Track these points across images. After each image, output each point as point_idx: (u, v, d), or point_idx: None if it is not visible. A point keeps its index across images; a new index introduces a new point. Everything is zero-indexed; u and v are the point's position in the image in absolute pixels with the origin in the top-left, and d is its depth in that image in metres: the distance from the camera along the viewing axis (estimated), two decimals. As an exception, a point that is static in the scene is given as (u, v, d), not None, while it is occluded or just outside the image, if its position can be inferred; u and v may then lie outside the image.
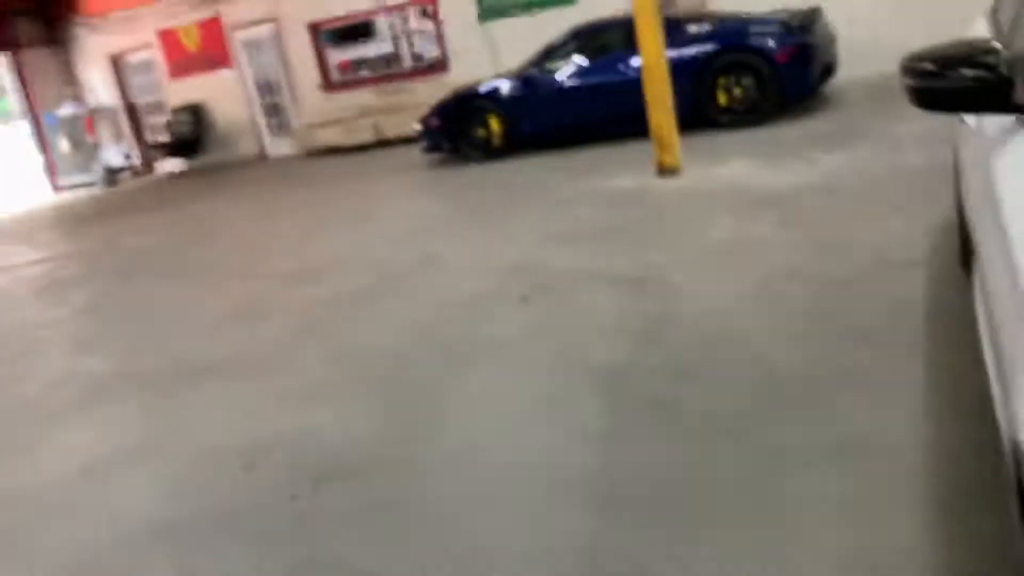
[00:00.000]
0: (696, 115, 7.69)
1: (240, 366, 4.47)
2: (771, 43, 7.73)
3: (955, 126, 3.18)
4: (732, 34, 8.01)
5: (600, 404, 3.18)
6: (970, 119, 2.19)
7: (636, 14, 6.36)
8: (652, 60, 6.43)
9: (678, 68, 6.82)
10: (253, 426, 3.65)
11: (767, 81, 7.76)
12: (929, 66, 1.74)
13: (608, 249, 5.17)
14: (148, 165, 16.18)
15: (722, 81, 7.93)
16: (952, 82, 1.70)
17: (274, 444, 3.40)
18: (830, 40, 8.25)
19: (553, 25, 9.98)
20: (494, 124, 9.22)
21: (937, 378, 2.80)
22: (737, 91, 7.92)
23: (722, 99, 7.96)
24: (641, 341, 3.70)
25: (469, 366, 3.80)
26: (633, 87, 7.76)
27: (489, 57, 11.55)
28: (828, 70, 8.22)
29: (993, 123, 1.81)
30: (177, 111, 14.84)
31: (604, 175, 7.18)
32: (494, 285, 4.92)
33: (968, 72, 1.67)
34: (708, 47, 7.93)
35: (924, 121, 6.74)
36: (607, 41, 8.84)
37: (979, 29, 3.10)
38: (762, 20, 8.09)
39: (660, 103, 6.49)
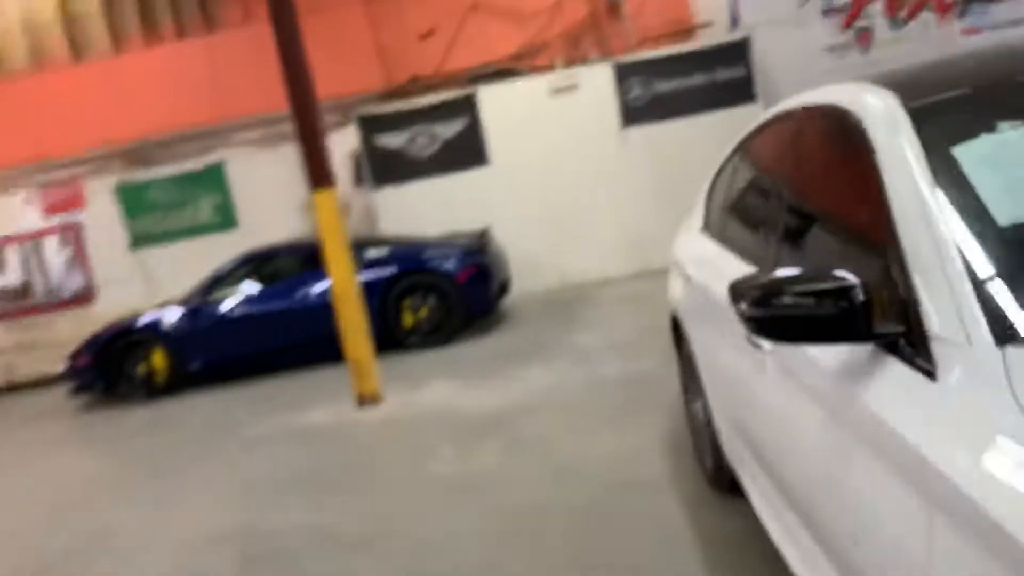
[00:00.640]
0: (383, 338, 7.48)
1: None
2: (450, 264, 7.90)
3: (698, 343, 3.18)
4: (411, 257, 8.08)
5: None
6: (767, 344, 2.10)
7: (324, 238, 6.10)
8: (343, 285, 6.15)
9: (361, 292, 6.62)
10: None
11: (450, 301, 7.86)
12: (769, 294, 1.61)
13: (322, 500, 4.52)
14: None
15: (406, 303, 7.90)
16: (801, 311, 1.58)
17: None
18: (502, 258, 8.67)
19: (215, 249, 9.45)
20: (157, 359, 8.23)
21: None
22: (422, 312, 7.91)
23: (407, 320, 7.90)
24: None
25: None
26: (315, 312, 7.47)
27: (144, 286, 10.61)
28: (504, 287, 8.57)
29: (838, 352, 1.69)
30: None
31: (297, 408, 6.54)
32: (193, 566, 4.00)
33: (820, 301, 1.55)
34: (388, 270, 7.91)
35: (598, 332, 7.24)
36: (282, 266, 8.49)
37: (702, 246, 3.21)
38: (438, 243, 8.31)
39: (354, 329, 6.16)
